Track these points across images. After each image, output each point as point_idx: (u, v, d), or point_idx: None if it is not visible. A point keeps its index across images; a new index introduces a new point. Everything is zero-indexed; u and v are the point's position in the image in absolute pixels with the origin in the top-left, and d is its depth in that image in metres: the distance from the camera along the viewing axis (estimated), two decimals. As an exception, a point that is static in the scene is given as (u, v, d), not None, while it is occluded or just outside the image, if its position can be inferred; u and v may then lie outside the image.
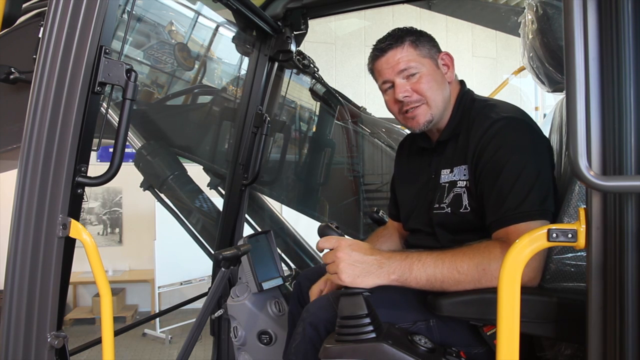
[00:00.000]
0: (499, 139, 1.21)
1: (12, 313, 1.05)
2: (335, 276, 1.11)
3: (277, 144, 2.83)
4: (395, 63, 1.34)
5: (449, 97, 1.38)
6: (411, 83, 1.33)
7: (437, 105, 1.34)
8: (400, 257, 1.14)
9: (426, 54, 1.35)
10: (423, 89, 1.33)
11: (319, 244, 1.16)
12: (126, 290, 6.02)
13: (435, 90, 1.34)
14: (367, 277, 1.10)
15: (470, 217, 1.26)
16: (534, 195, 1.13)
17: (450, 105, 1.38)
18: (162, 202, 2.58)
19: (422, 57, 1.34)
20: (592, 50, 0.76)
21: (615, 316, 0.78)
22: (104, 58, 1.04)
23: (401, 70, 1.33)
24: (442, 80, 1.37)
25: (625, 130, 0.76)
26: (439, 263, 1.11)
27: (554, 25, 1.33)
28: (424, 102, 1.34)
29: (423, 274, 1.11)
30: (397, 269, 1.12)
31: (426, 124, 1.36)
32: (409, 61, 1.33)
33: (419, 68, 1.33)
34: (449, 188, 1.32)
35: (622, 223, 0.77)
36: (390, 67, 1.35)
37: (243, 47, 2.26)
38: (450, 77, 1.39)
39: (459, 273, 1.10)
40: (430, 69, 1.34)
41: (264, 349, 1.77)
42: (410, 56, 1.33)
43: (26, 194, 1.04)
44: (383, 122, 3.45)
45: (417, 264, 1.12)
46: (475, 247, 1.14)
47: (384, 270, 1.11)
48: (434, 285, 1.12)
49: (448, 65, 1.39)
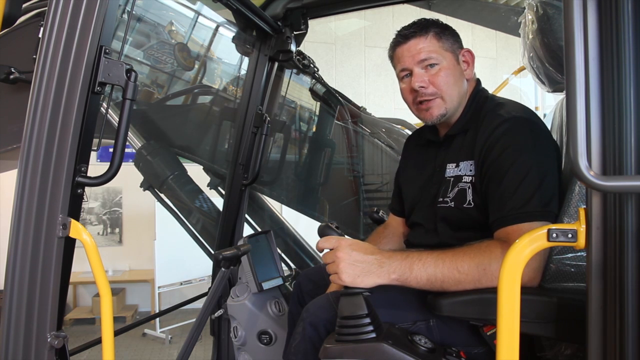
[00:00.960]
0: (507, 138, 1.20)
1: (12, 313, 1.05)
2: (336, 276, 1.11)
3: (277, 144, 2.83)
4: (416, 52, 1.33)
5: (465, 93, 1.38)
6: (429, 74, 1.33)
7: (452, 100, 1.34)
8: (400, 256, 1.14)
9: (448, 48, 1.35)
10: (440, 82, 1.32)
11: (319, 244, 1.16)
12: (126, 290, 6.02)
13: (451, 85, 1.33)
14: (368, 276, 1.10)
15: (474, 213, 1.26)
16: (538, 196, 1.13)
17: (464, 101, 1.38)
18: (162, 202, 2.58)
19: (444, 50, 1.34)
20: (592, 50, 0.76)
21: (615, 316, 0.78)
22: (104, 58, 1.04)
23: (422, 60, 1.33)
24: (460, 76, 1.37)
25: (625, 130, 0.76)
26: (439, 263, 1.11)
27: (554, 25, 1.33)
28: (438, 96, 1.33)
29: (424, 273, 1.11)
30: (397, 268, 1.12)
31: (439, 117, 1.36)
32: (431, 52, 1.32)
33: (439, 60, 1.32)
34: (453, 182, 1.31)
35: (622, 223, 0.77)
36: (411, 56, 1.34)
37: (243, 47, 2.26)
38: (469, 75, 1.39)
39: (460, 273, 1.10)
40: (451, 63, 1.34)
41: (264, 349, 1.77)
42: (432, 47, 1.33)
43: (26, 194, 1.04)
44: (383, 122, 3.45)
45: (418, 264, 1.12)
46: (476, 246, 1.13)
47: (384, 270, 1.11)
48: (434, 285, 1.12)
49: (468, 62, 1.39)
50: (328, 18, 2.18)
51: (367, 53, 7.06)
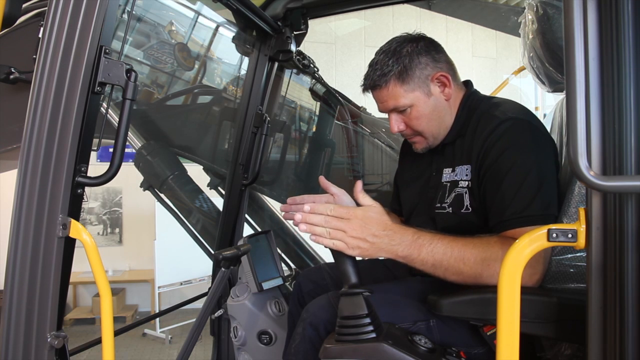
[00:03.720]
0: (505, 140, 1.20)
1: (12, 313, 1.05)
2: (341, 244, 1.08)
3: (277, 144, 2.83)
4: (384, 101, 1.35)
5: (449, 114, 1.37)
6: (405, 117, 1.34)
7: (433, 135, 1.36)
8: (412, 237, 1.13)
9: (415, 86, 1.31)
10: (415, 124, 1.34)
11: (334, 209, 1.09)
12: (126, 290, 6.02)
13: (428, 121, 1.34)
14: (376, 252, 1.11)
15: (472, 218, 1.26)
16: (538, 200, 1.13)
17: (452, 113, 1.38)
18: (162, 202, 2.58)
19: (411, 92, 1.31)
20: (592, 50, 0.76)
21: (615, 316, 0.78)
22: (104, 58, 1.04)
23: (391, 109, 1.35)
24: (438, 105, 1.34)
25: (625, 130, 0.76)
26: (447, 251, 1.11)
27: (554, 25, 1.33)
28: (418, 134, 1.37)
29: (430, 258, 1.11)
30: (407, 247, 1.12)
31: (425, 149, 1.41)
32: (397, 99, 1.32)
33: (408, 103, 1.32)
34: (450, 187, 1.31)
35: (622, 223, 0.77)
36: (381, 103, 1.37)
37: (243, 47, 2.26)
38: (449, 94, 1.35)
39: (465, 265, 1.10)
40: (421, 101, 1.32)
41: (264, 349, 1.77)
42: (396, 94, 1.31)
43: (26, 194, 1.04)
44: (383, 122, 3.44)
45: (428, 247, 1.11)
46: (486, 240, 1.13)
47: (393, 246, 1.11)
48: (437, 271, 1.12)
49: (445, 84, 1.34)
50: (328, 18, 2.18)
51: (367, 53, 7.05)
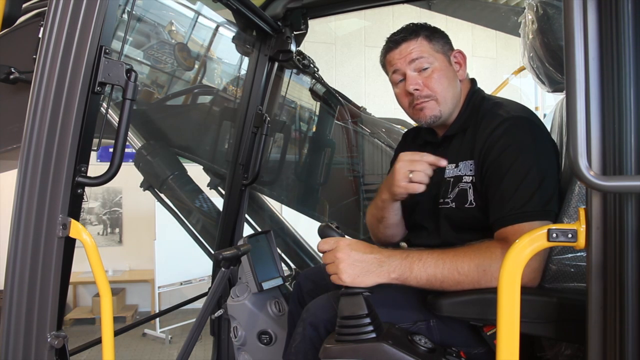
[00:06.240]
0: (507, 138, 1.21)
1: (12, 313, 1.05)
2: (336, 277, 1.11)
3: (277, 144, 2.83)
4: (408, 53, 1.34)
5: (459, 94, 1.39)
6: (423, 77, 1.33)
7: (446, 102, 1.35)
8: (400, 256, 1.14)
9: (439, 49, 1.36)
10: (434, 84, 1.33)
11: (320, 245, 1.16)
12: (126, 290, 6.02)
13: (445, 86, 1.34)
14: (367, 276, 1.10)
15: (476, 213, 1.26)
16: (538, 196, 1.13)
17: (460, 102, 1.39)
18: (162, 202, 2.58)
19: (435, 52, 1.35)
20: (592, 50, 0.76)
21: (615, 316, 0.78)
22: (104, 58, 1.04)
23: (413, 60, 1.33)
24: (454, 77, 1.37)
25: (625, 130, 0.76)
26: (439, 263, 1.11)
27: (554, 25, 1.33)
28: (433, 98, 1.34)
29: (423, 273, 1.11)
30: (397, 267, 1.12)
31: (433, 118, 1.36)
32: (422, 52, 1.33)
33: (431, 62, 1.33)
34: (453, 183, 1.31)
35: (622, 223, 0.77)
36: (403, 58, 1.35)
37: (243, 47, 2.26)
38: (462, 75, 1.40)
39: (460, 274, 1.10)
40: (443, 65, 1.35)
41: (264, 349, 1.77)
42: (423, 48, 1.34)
43: (26, 194, 1.04)
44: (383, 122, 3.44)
45: (418, 264, 1.12)
46: (477, 247, 1.14)
47: (384, 269, 1.11)
48: (434, 285, 1.12)
49: (460, 63, 1.40)
50: (328, 18, 2.18)
51: (367, 53, 7.06)
